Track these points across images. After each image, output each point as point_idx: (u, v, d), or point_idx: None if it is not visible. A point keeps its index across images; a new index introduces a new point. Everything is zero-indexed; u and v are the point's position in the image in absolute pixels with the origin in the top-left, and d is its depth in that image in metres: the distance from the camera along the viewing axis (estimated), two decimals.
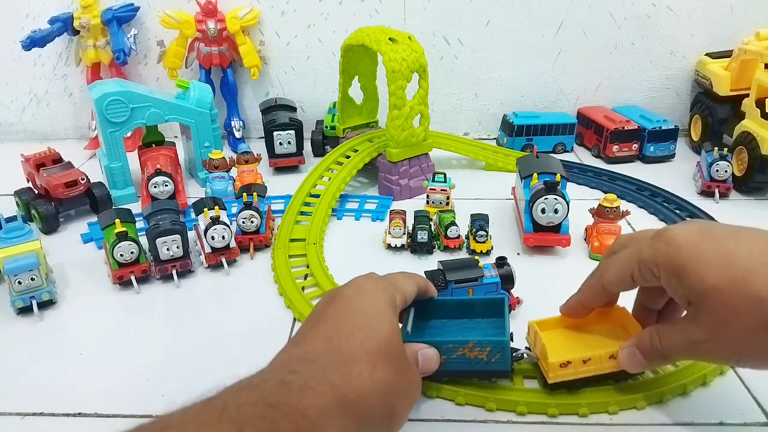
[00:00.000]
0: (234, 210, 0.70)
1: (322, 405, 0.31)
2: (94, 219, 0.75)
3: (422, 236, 0.66)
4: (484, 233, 0.66)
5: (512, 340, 0.47)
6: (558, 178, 0.66)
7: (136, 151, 0.85)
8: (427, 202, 0.75)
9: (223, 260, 0.64)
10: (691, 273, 0.36)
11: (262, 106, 0.97)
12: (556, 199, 0.64)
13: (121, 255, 0.60)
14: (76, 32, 0.97)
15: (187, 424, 0.28)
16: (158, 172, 0.74)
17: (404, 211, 0.69)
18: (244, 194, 0.68)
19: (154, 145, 0.84)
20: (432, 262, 0.66)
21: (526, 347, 0.48)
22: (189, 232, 0.64)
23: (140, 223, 0.68)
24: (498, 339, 0.44)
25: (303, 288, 0.60)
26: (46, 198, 0.74)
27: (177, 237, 0.61)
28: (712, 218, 0.71)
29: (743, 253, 0.35)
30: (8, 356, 0.53)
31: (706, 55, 0.98)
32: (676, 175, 0.88)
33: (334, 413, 0.31)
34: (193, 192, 0.85)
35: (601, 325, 0.48)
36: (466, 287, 0.53)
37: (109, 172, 0.81)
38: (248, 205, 0.67)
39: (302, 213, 0.73)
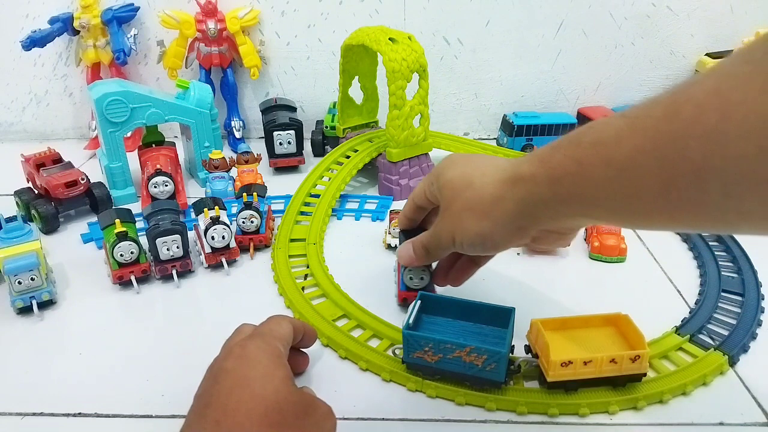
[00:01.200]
0: (234, 210, 0.70)
1: None
2: (94, 219, 0.75)
3: None
4: None
5: (512, 352, 0.47)
6: None
7: (136, 151, 0.85)
8: None
9: (223, 260, 0.64)
10: (443, 172, 0.47)
11: (262, 106, 0.97)
12: None
13: (121, 255, 0.60)
14: (76, 32, 0.97)
15: None
16: (158, 172, 0.74)
17: None
18: (244, 194, 0.68)
19: (154, 145, 0.84)
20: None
21: (525, 345, 0.49)
22: (189, 232, 0.64)
23: (140, 223, 0.68)
24: (496, 349, 0.44)
25: (303, 288, 0.60)
26: (46, 198, 0.74)
27: (177, 237, 0.61)
28: None
29: (480, 161, 0.46)
30: (8, 356, 0.53)
31: (706, 55, 0.98)
32: None
33: None
34: (193, 192, 0.85)
35: (603, 330, 0.48)
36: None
37: (109, 172, 0.81)
38: (248, 205, 0.67)
39: (302, 213, 0.73)
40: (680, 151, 0.31)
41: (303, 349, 0.50)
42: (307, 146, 0.95)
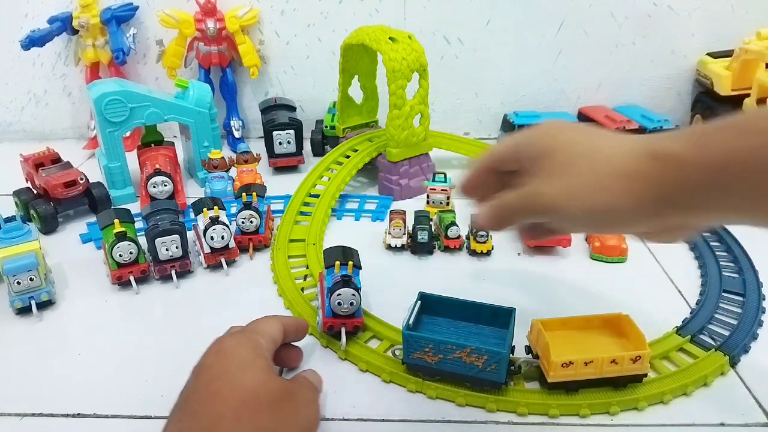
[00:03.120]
0: (233, 210, 0.70)
1: None
2: (93, 219, 0.75)
3: (422, 236, 0.66)
4: (485, 233, 0.66)
5: (513, 352, 0.47)
6: None
7: (135, 150, 0.85)
8: (428, 202, 0.75)
9: (223, 260, 0.64)
10: (551, 136, 0.41)
11: (262, 106, 0.97)
12: None
13: (120, 255, 0.60)
14: (75, 32, 0.97)
15: None
16: (157, 172, 0.74)
17: (404, 211, 0.69)
18: (244, 194, 0.68)
19: (153, 145, 0.84)
20: (433, 262, 0.66)
21: (526, 346, 0.48)
22: (188, 232, 0.64)
23: (139, 223, 0.68)
24: (496, 350, 0.44)
25: (302, 289, 0.60)
26: (45, 198, 0.74)
27: (176, 237, 0.61)
28: None
29: (592, 129, 0.41)
30: (8, 356, 0.53)
31: (707, 54, 0.98)
32: None
33: None
34: (193, 192, 0.84)
35: (604, 331, 0.48)
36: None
37: (108, 172, 0.80)
38: (247, 205, 0.67)
39: (302, 213, 0.73)
40: None
41: (296, 344, 0.50)
42: (307, 146, 0.95)
